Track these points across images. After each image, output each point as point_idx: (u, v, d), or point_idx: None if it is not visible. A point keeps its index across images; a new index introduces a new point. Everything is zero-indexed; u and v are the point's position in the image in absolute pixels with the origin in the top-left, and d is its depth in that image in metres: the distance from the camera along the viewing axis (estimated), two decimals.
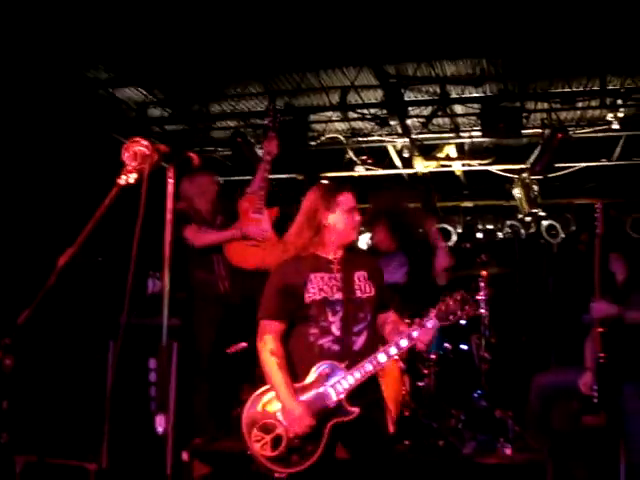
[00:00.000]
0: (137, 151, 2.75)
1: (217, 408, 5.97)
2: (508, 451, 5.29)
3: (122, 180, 2.76)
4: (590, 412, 5.03)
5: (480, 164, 8.88)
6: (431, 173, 9.06)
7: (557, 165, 8.26)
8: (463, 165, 8.96)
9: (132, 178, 2.76)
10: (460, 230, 9.19)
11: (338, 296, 3.76)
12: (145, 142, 2.77)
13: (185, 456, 5.52)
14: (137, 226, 2.69)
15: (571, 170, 8.60)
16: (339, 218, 3.84)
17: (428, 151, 8.93)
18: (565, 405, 5.33)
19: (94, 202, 2.75)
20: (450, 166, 9.03)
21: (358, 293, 3.80)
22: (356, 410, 3.62)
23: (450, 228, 9.16)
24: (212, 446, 5.73)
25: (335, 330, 3.73)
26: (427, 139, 8.78)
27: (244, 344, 6.06)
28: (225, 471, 5.91)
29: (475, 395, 6.19)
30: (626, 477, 5.33)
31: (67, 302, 6.92)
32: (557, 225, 9.03)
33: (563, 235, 9.01)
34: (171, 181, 2.78)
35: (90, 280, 7.26)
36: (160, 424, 2.68)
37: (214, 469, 5.93)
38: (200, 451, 5.71)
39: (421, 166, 8.89)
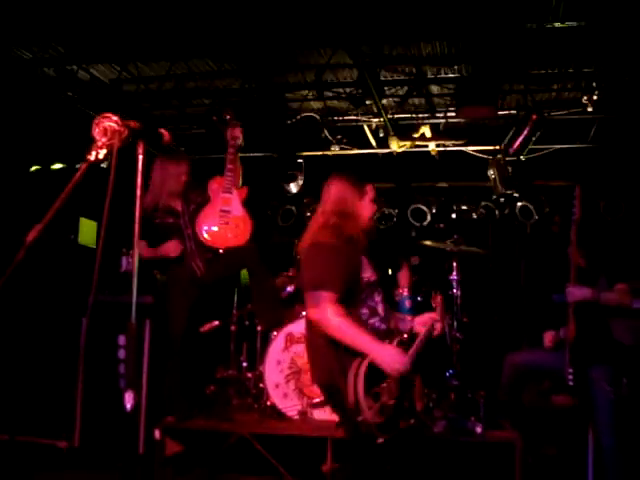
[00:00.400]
0: (107, 127, 2.72)
1: (190, 386, 5.97)
2: (479, 429, 5.32)
3: (91, 156, 2.72)
4: (560, 392, 5.09)
5: (454, 145, 8.90)
6: (406, 153, 9.05)
7: (531, 147, 8.29)
8: (438, 145, 8.96)
9: (102, 154, 2.72)
10: (434, 210, 9.21)
11: (374, 278, 3.97)
12: (115, 118, 2.73)
13: (157, 434, 5.52)
14: (106, 203, 2.66)
15: (545, 152, 8.64)
16: (366, 206, 4.04)
17: (403, 131, 8.92)
18: (536, 384, 5.39)
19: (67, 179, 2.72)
20: (425, 146, 9.03)
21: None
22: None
23: (425, 208, 9.18)
24: (184, 424, 5.73)
25: (380, 310, 3.95)
26: (402, 119, 8.78)
27: (217, 322, 6.07)
28: (197, 449, 5.93)
29: (447, 374, 6.23)
30: (594, 456, 5.41)
31: (39, 280, 6.88)
32: (531, 207, 9.07)
33: (537, 217, 9.06)
34: (141, 157, 2.75)
35: (63, 257, 7.23)
36: (129, 401, 2.65)
37: (186, 447, 5.95)
38: (172, 429, 5.72)
39: (396, 146, 8.89)
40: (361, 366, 3.65)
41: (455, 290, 6.43)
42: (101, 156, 2.73)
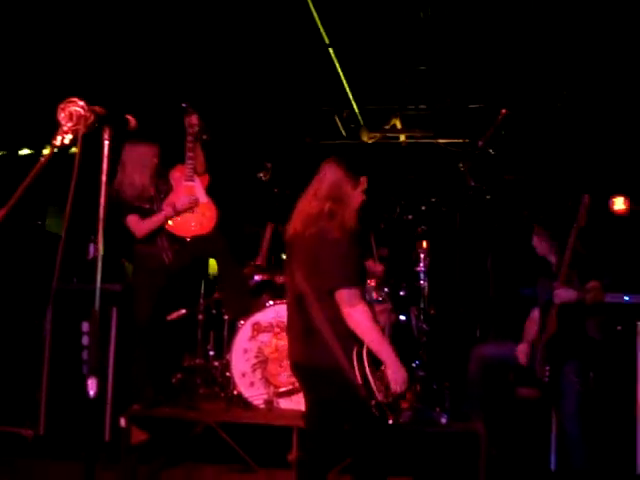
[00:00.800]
0: (73, 111, 2.70)
1: (156, 375, 5.96)
2: (444, 420, 5.37)
3: (57, 141, 2.71)
4: (525, 384, 5.15)
5: (425, 136, 8.93)
6: (376, 144, 9.07)
7: (501, 140, 8.32)
8: (408, 137, 8.99)
9: (67, 139, 2.71)
10: (403, 202, 9.20)
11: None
12: (81, 103, 2.72)
13: (123, 422, 5.50)
14: (71, 189, 2.65)
15: (515, 146, 8.69)
16: (357, 196, 3.98)
17: (374, 122, 8.94)
18: (502, 376, 5.44)
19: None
20: (396, 138, 9.05)
21: None
22: None
23: (394, 200, 9.18)
24: (150, 413, 5.72)
25: (368, 299, 4.03)
26: (373, 110, 8.79)
27: (184, 311, 6.05)
28: (163, 438, 5.92)
29: (413, 365, 6.27)
30: (557, 444, 5.50)
31: (4, 267, 6.82)
32: (499, 200, 9.11)
33: (505, 211, 9.10)
34: (107, 143, 2.74)
35: (29, 244, 7.17)
36: (92, 388, 2.65)
37: (152, 436, 5.93)
38: (138, 417, 5.70)
39: (366, 137, 8.90)
40: (363, 350, 3.72)
41: (422, 282, 6.46)
42: (67, 141, 2.71)
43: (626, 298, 5.91)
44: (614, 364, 5.58)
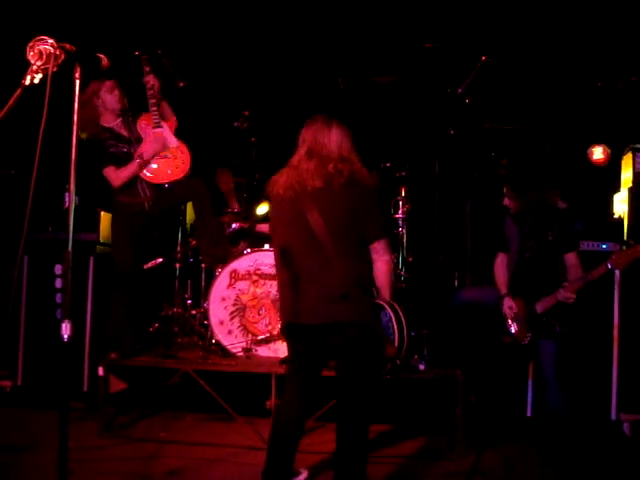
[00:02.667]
0: (42, 49, 2.63)
1: (134, 324, 5.94)
2: (422, 367, 5.39)
3: (26, 80, 2.64)
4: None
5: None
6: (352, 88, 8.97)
7: (481, 89, 8.26)
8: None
9: (37, 78, 2.64)
10: (382, 150, 9.14)
11: None
12: (51, 40, 2.64)
13: (100, 371, 5.49)
14: (40, 131, 2.58)
15: (494, 94, 8.63)
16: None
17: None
18: (485, 322, 5.44)
19: None
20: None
21: None
22: None
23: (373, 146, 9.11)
24: (128, 362, 5.71)
25: None
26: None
27: (160, 259, 6.01)
28: (141, 387, 5.92)
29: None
30: (533, 390, 5.55)
31: None
32: (479, 148, 9.07)
33: (484, 159, 9.07)
34: (77, 82, 2.67)
35: (3, 194, 7.06)
36: (66, 331, 2.61)
37: (130, 385, 5.94)
38: (116, 366, 5.69)
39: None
40: (400, 311, 3.84)
41: (401, 229, 6.45)
42: (36, 80, 2.64)
43: (604, 246, 5.93)
44: (592, 311, 5.61)
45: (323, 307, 3.78)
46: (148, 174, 5.71)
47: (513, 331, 5.19)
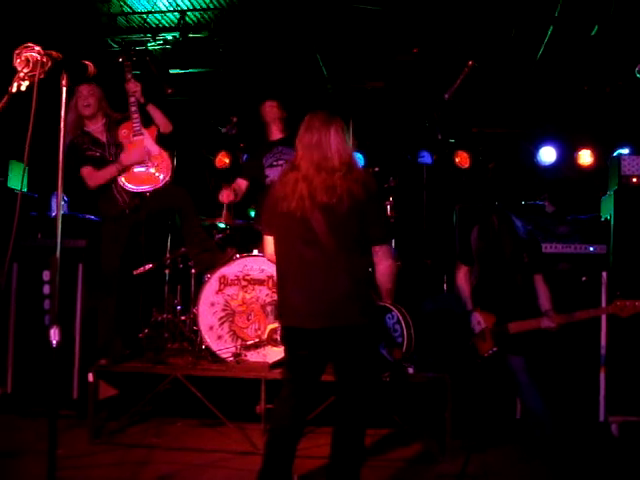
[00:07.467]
0: (29, 57, 2.64)
1: (124, 329, 5.94)
2: (411, 370, 5.41)
3: (13, 88, 2.65)
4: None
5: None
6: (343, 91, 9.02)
7: (468, 94, 8.29)
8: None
9: (24, 86, 2.65)
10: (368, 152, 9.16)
11: None
12: (37, 48, 2.65)
13: (90, 377, 5.48)
14: (27, 139, 2.59)
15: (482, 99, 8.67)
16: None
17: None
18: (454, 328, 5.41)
19: None
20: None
21: None
22: None
23: (360, 153, 9.13)
24: (118, 368, 5.70)
25: None
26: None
27: (150, 265, 6.01)
28: (131, 393, 5.92)
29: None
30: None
31: None
32: (466, 153, 9.11)
33: (472, 163, 9.10)
34: (65, 89, 2.68)
35: None
36: (54, 337, 2.63)
37: (120, 391, 5.93)
38: (106, 372, 5.69)
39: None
40: (407, 313, 3.89)
41: None
42: (23, 88, 2.65)
43: (591, 249, 5.97)
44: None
45: (325, 311, 3.79)
46: (124, 180, 5.71)
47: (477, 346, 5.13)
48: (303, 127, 4.00)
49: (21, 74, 2.65)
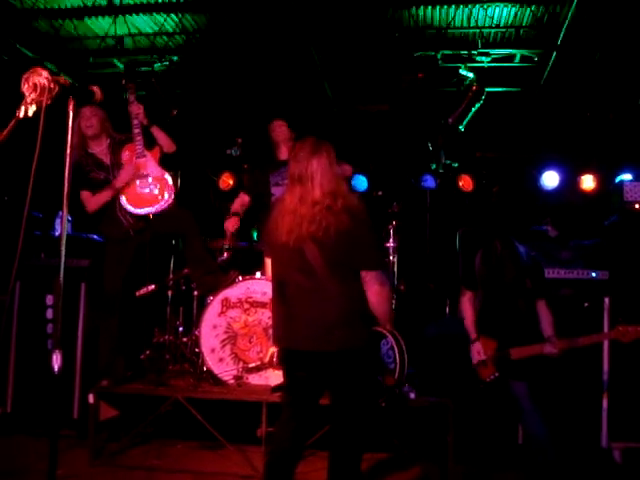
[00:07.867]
0: (37, 82, 2.66)
1: (125, 351, 5.94)
2: (412, 395, 5.40)
3: (21, 112, 2.67)
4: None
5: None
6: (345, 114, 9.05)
7: (471, 117, 8.34)
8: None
9: (31, 110, 2.67)
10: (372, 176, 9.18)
11: None
12: (45, 73, 2.68)
13: (91, 398, 5.48)
14: (34, 162, 2.61)
15: (485, 123, 8.70)
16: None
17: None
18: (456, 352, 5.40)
19: None
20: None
21: None
22: None
23: (363, 176, 9.17)
24: (119, 389, 5.69)
25: None
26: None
27: (153, 287, 6.01)
28: (132, 414, 5.91)
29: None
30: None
31: None
32: (470, 177, 9.13)
33: (476, 187, 9.12)
34: (71, 114, 2.70)
35: None
36: (56, 362, 2.63)
37: (121, 412, 5.92)
38: (107, 393, 5.68)
39: None
40: (400, 339, 3.83)
41: (392, 257, 6.47)
42: (30, 113, 2.67)
43: (593, 274, 5.96)
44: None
45: (320, 334, 3.78)
46: (127, 202, 5.73)
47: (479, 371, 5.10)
48: (290, 157, 4.02)
49: (29, 99, 2.66)
